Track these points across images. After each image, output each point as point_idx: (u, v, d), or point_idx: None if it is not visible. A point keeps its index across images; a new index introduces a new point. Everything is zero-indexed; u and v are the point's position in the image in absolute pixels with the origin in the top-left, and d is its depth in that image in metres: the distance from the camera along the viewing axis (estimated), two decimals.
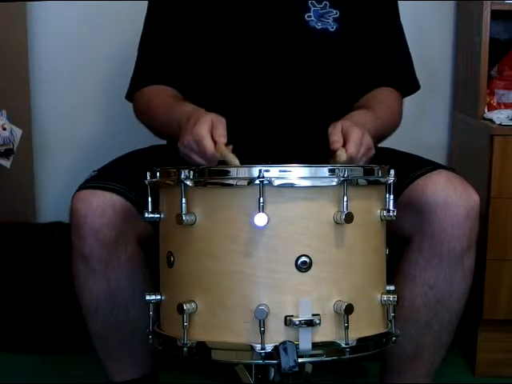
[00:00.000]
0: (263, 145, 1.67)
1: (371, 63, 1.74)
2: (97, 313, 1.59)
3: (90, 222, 1.50)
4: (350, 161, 1.38)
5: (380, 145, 1.72)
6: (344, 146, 1.40)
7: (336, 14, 1.69)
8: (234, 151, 1.38)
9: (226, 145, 1.39)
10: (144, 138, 1.80)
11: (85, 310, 1.61)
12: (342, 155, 1.38)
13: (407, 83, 1.78)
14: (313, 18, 1.68)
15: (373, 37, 1.73)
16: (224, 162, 1.36)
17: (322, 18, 1.67)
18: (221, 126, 1.41)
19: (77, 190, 1.55)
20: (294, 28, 1.69)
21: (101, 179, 1.56)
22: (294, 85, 1.70)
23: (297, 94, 1.70)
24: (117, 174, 1.59)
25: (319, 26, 1.68)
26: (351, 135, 1.41)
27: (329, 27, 1.68)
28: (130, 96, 1.80)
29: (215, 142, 1.38)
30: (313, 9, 1.68)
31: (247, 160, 1.46)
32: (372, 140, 1.46)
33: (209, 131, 1.39)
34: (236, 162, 1.34)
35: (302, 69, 1.69)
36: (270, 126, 1.68)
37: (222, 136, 1.39)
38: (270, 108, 1.69)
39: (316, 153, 1.47)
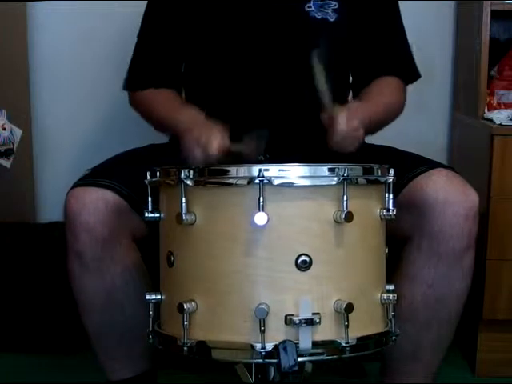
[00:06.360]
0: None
1: (371, 52, 1.76)
2: (92, 311, 1.60)
3: (84, 219, 1.51)
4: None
5: (380, 143, 1.72)
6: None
7: (335, 5, 1.71)
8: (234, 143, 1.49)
9: None
10: (144, 139, 1.81)
11: (81, 307, 1.62)
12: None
13: (408, 71, 1.80)
14: (313, 8, 1.70)
15: (372, 27, 1.75)
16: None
17: (322, 8, 1.70)
18: (227, 137, 1.49)
19: (70, 188, 1.56)
20: (295, 17, 1.71)
21: (94, 177, 1.57)
22: (295, 74, 1.71)
23: (298, 84, 1.70)
24: (110, 172, 1.60)
25: (319, 15, 1.70)
26: (340, 112, 1.48)
27: (328, 17, 1.70)
28: (129, 87, 1.81)
29: None
30: (313, 0, 1.70)
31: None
32: (363, 126, 1.51)
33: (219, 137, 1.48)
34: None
35: (304, 58, 1.70)
36: (270, 117, 1.69)
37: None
38: (271, 98, 1.69)
39: (316, 145, 1.49)
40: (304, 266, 1.22)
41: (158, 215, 1.33)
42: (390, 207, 1.31)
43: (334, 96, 1.74)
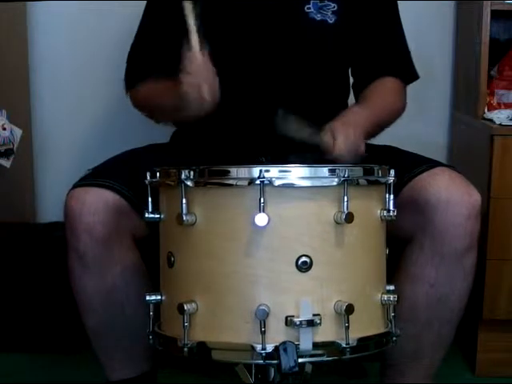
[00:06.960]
0: (263, 138, 1.67)
1: (370, 53, 1.76)
2: (92, 311, 1.60)
3: (84, 220, 1.51)
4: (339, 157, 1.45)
5: (379, 142, 1.72)
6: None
7: (334, 7, 1.71)
8: (233, 145, 1.51)
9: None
10: (144, 139, 1.81)
11: (80, 307, 1.62)
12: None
13: (407, 72, 1.80)
14: (312, 10, 1.70)
15: (371, 29, 1.75)
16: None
17: (321, 10, 1.70)
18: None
19: (71, 189, 1.56)
20: (295, 18, 1.71)
21: (94, 177, 1.57)
22: (295, 75, 1.71)
23: (297, 85, 1.71)
24: (110, 172, 1.60)
25: (318, 17, 1.70)
26: (337, 136, 1.46)
27: (328, 19, 1.71)
28: (130, 86, 1.80)
29: None
30: (312, 1, 1.71)
31: (246, 154, 1.49)
32: (363, 136, 1.51)
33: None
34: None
35: (303, 59, 1.71)
36: (269, 117, 1.69)
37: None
38: (270, 99, 1.69)
39: (314, 146, 1.49)
40: (304, 266, 1.21)
41: (158, 216, 1.33)
42: (391, 208, 1.31)
43: (333, 99, 1.75)
